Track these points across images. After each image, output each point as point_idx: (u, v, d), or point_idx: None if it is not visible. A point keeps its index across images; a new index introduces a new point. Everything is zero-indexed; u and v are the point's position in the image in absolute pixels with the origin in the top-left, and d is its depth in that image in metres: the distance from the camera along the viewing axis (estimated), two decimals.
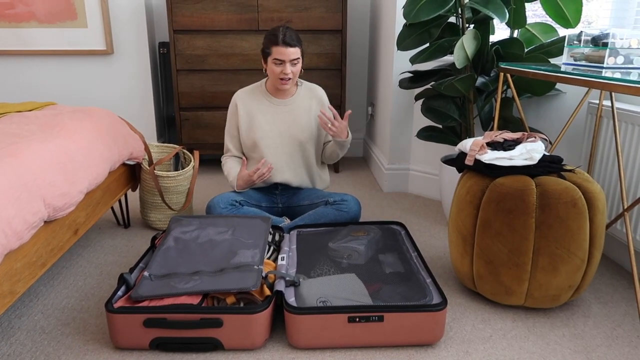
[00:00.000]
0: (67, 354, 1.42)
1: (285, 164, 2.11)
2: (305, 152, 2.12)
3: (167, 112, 3.41)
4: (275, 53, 1.94)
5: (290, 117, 2.10)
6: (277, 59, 1.95)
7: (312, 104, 2.13)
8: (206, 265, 1.54)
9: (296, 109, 2.11)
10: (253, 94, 2.12)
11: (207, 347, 1.41)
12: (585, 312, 1.63)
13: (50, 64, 3.26)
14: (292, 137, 2.10)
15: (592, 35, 1.70)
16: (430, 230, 2.30)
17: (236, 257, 1.58)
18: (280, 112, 2.09)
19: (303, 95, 2.13)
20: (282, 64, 1.96)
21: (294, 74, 2.00)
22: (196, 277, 1.49)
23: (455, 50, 1.93)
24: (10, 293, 1.31)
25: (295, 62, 1.97)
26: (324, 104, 2.15)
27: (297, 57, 1.96)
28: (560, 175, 1.57)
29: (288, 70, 1.96)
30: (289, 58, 1.95)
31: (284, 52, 1.93)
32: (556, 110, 2.27)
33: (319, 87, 2.18)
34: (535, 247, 1.50)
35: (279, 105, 2.10)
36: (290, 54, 1.94)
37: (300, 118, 2.10)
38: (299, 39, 1.98)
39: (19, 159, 1.37)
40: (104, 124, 1.98)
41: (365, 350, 1.44)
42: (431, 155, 2.74)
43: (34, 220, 1.35)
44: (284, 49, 1.93)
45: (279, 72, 1.97)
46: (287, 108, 2.10)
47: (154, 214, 2.27)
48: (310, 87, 2.16)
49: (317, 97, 2.15)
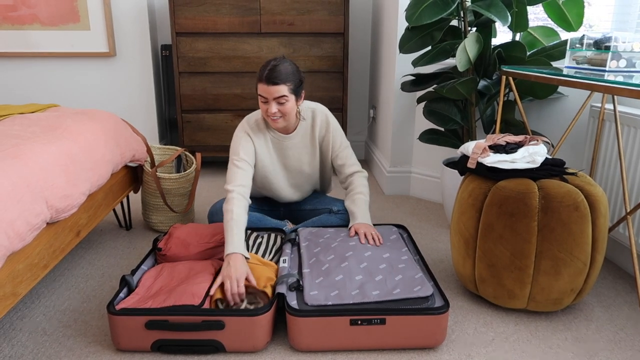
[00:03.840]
0: (68, 355, 1.42)
1: (292, 193, 2.10)
2: (312, 181, 2.10)
3: (169, 115, 3.41)
4: (260, 89, 1.78)
5: (295, 152, 2.00)
6: (261, 95, 1.79)
7: (316, 131, 2.00)
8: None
9: (300, 143, 2.00)
10: (259, 128, 1.96)
11: (208, 350, 1.40)
12: (587, 316, 1.63)
13: (53, 66, 3.27)
14: (297, 171, 2.04)
15: (595, 38, 1.70)
16: (432, 233, 2.30)
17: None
18: (285, 148, 1.99)
19: (306, 127, 1.99)
20: (267, 101, 1.79)
21: (283, 113, 1.81)
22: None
23: (458, 53, 1.93)
24: (12, 294, 1.31)
25: (282, 100, 1.77)
26: (328, 125, 2.01)
27: (283, 95, 1.76)
28: (562, 178, 1.57)
29: (273, 109, 1.78)
30: (272, 96, 1.76)
31: (266, 89, 1.76)
32: (558, 114, 2.26)
33: (320, 109, 2.01)
34: (537, 251, 1.49)
35: (284, 140, 1.97)
36: (272, 92, 1.75)
37: (305, 152, 2.01)
38: (290, 76, 1.77)
39: (22, 161, 1.38)
40: (107, 126, 1.99)
41: (367, 353, 1.44)
42: (433, 158, 2.74)
43: (37, 222, 1.35)
44: (266, 87, 1.75)
45: (265, 110, 1.81)
46: (291, 143, 1.98)
47: (155, 216, 2.27)
48: (313, 114, 2.00)
49: (319, 122, 2.00)
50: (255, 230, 1.96)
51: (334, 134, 2.01)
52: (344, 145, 2.02)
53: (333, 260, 1.62)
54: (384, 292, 1.47)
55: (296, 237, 1.85)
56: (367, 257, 1.63)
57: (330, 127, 2.00)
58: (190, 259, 1.74)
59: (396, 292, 1.46)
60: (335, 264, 1.59)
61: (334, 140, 2.01)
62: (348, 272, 1.55)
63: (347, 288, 1.48)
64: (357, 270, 1.56)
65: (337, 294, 1.46)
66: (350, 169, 2.02)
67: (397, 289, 1.48)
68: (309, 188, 2.13)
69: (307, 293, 1.47)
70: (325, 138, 2.00)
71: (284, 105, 1.79)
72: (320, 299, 1.44)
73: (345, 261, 1.60)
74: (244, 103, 3.13)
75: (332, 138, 2.00)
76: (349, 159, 2.03)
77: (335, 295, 1.45)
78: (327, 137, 2.00)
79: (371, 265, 1.59)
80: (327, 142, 2.00)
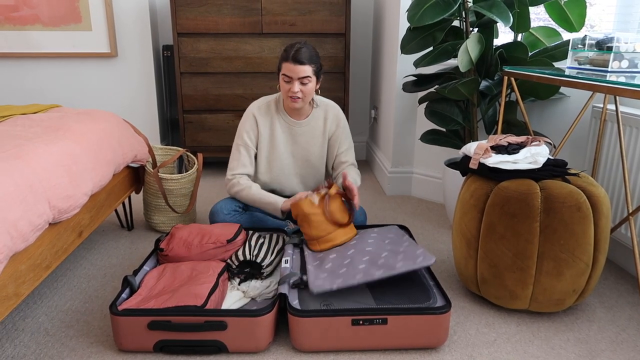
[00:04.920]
0: (71, 356, 1.42)
1: (296, 184, 2.11)
2: (317, 174, 2.12)
3: (171, 115, 3.41)
4: (284, 69, 1.87)
5: (304, 139, 2.05)
6: (285, 75, 1.88)
7: (327, 124, 2.06)
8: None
9: (310, 131, 2.05)
10: (269, 110, 2.04)
11: (211, 350, 1.41)
12: (589, 317, 1.62)
13: (55, 66, 3.27)
14: (304, 159, 2.06)
15: (597, 39, 1.70)
16: (434, 234, 2.30)
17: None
18: (295, 134, 2.04)
19: (318, 117, 2.05)
20: (290, 81, 1.88)
21: (304, 93, 1.90)
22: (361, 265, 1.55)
23: (459, 54, 1.93)
24: (15, 295, 1.31)
25: (305, 81, 1.87)
26: (339, 122, 2.07)
27: (307, 76, 1.86)
28: (564, 179, 1.57)
29: (296, 88, 1.87)
30: (297, 76, 1.86)
31: (292, 69, 1.85)
32: (560, 114, 2.26)
33: (333, 105, 2.10)
34: (539, 251, 1.49)
35: (294, 126, 2.03)
36: (298, 72, 1.85)
37: (314, 141, 2.06)
38: (314, 58, 1.89)
39: (25, 161, 1.38)
40: (109, 127, 1.99)
41: (369, 353, 1.44)
42: (434, 158, 2.74)
43: (39, 222, 1.35)
44: (292, 66, 1.85)
45: (287, 89, 1.90)
46: (301, 130, 2.04)
47: (157, 216, 2.27)
48: (326, 107, 2.07)
49: (331, 116, 2.07)
50: (257, 231, 1.96)
51: (344, 131, 2.09)
52: (350, 145, 2.11)
53: (336, 259, 1.63)
54: (387, 267, 1.49)
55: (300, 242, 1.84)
56: (368, 252, 1.65)
57: (342, 123, 2.09)
58: (192, 260, 1.74)
59: (399, 266, 1.48)
60: (339, 262, 1.60)
61: (343, 139, 2.09)
62: (351, 265, 1.56)
63: (351, 274, 1.50)
64: (360, 262, 1.57)
65: (342, 280, 1.47)
66: (348, 164, 2.10)
67: (400, 262, 1.51)
68: (312, 185, 2.14)
69: (312, 282, 1.48)
70: (335, 133, 2.07)
71: (306, 86, 1.89)
72: (326, 286, 1.45)
73: (348, 258, 1.62)
74: (245, 103, 3.13)
75: (341, 135, 2.09)
76: (350, 158, 2.10)
77: (340, 282, 1.47)
78: (337, 133, 2.07)
79: (373, 255, 1.61)
80: (336, 138, 2.06)
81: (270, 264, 1.72)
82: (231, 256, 1.74)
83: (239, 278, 1.69)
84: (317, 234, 1.74)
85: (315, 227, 1.75)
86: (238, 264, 1.70)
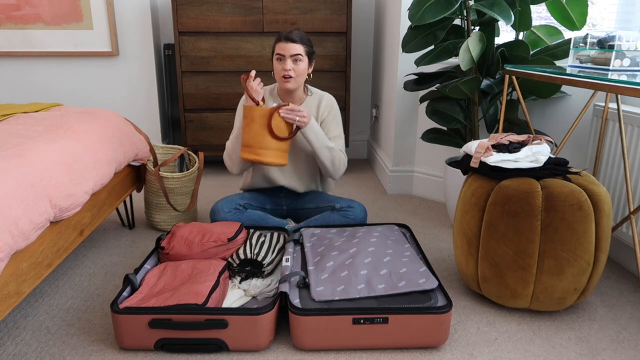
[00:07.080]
0: (72, 354, 1.42)
1: (291, 171, 2.11)
2: (310, 162, 2.12)
3: (172, 114, 3.41)
4: (277, 48, 1.94)
5: None
6: (278, 53, 1.94)
7: (320, 111, 2.08)
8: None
9: None
10: (271, 94, 2.09)
11: (211, 348, 1.41)
12: (590, 315, 1.62)
13: (56, 65, 3.28)
14: (297, 147, 2.08)
15: (598, 37, 1.70)
16: (435, 233, 2.30)
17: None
18: None
19: (311, 105, 2.08)
20: (282, 59, 1.93)
21: (297, 72, 1.94)
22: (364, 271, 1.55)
23: (461, 53, 1.93)
24: (16, 293, 1.32)
25: (297, 58, 1.93)
26: (331, 109, 2.09)
27: (298, 53, 1.92)
28: (565, 177, 1.57)
29: (288, 66, 1.92)
30: (289, 53, 1.91)
31: (284, 47, 1.92)
32: (561, 113, 2.26)
33: (329, 95, 2.12)
34: (540, 250, 1.49)
35: None
36: (290, 49, 1.91)
37: None
38: (306, 39, 1.96)
39: (26, 160, 1.38)
40: (110, 125, 1.99)
41: (370, 352, 1.44)
42: (436, 157, 2.74)
43: (40, 221, 1.35)
44: (284, 44, 1.92)
45: (280, 69, 1.94)
46: None
47: (158, 215, 2.27)
48: (320, 96, 2.10)
49: (325, 104, 2.08)
50: (257, 229, 1.96)
51: (335, 119, 2.10)
52: (340, 134, 2.09)
53: (337, 258, 1.63)
54: (390, 285, 1.48)
55: (300, 237, 1.85)
56: (370, 253, 1.65)
57: (333, 111, 2.10)
58: (193, 258, 1.74)
59: (402, 285, 1.48)
60: (340, 261, 1.60)
61: (333, 126, 2.09)
62: (353, 268, 1.56)
63: (353, 283, 1.50)
64: (362, 265, 1.57)
65: (343, 289, 1.47)
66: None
67: (402, 281, 1.49)
68: (307, 178, 2.13)
69: (313, 289, 1.48)
70: (326, 120, 2.09)
71: (297, 65, 1.94)
72: (327, 295, 1.45)
73: (350, 258, 1.62)
74: None
75: (331, 122, 2.09)
76: (338, 146, 2.06)
77: (341, 290, 1.46)
78: (328, 120, 2.09)
79: (375, 260, 1.61)
80: (326, 124, 2.10)
81: (271, 262, 1.72)
82: (232, 255, 1.75)
83: (239, 276, 1.69)
84: (250, 142, 1.85)
85: (253, 136, 1.85)
86: (239, 262, 1.70)
